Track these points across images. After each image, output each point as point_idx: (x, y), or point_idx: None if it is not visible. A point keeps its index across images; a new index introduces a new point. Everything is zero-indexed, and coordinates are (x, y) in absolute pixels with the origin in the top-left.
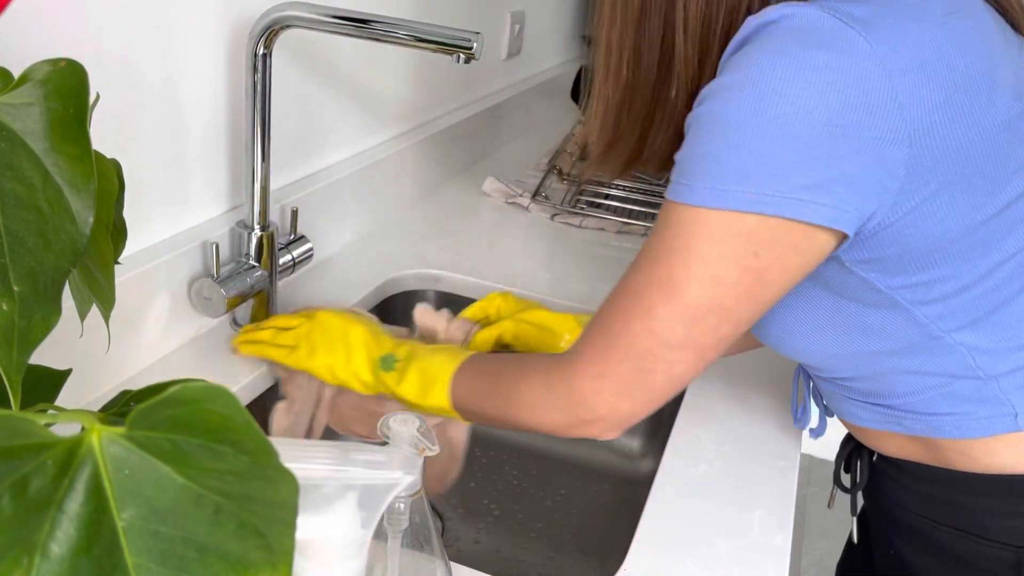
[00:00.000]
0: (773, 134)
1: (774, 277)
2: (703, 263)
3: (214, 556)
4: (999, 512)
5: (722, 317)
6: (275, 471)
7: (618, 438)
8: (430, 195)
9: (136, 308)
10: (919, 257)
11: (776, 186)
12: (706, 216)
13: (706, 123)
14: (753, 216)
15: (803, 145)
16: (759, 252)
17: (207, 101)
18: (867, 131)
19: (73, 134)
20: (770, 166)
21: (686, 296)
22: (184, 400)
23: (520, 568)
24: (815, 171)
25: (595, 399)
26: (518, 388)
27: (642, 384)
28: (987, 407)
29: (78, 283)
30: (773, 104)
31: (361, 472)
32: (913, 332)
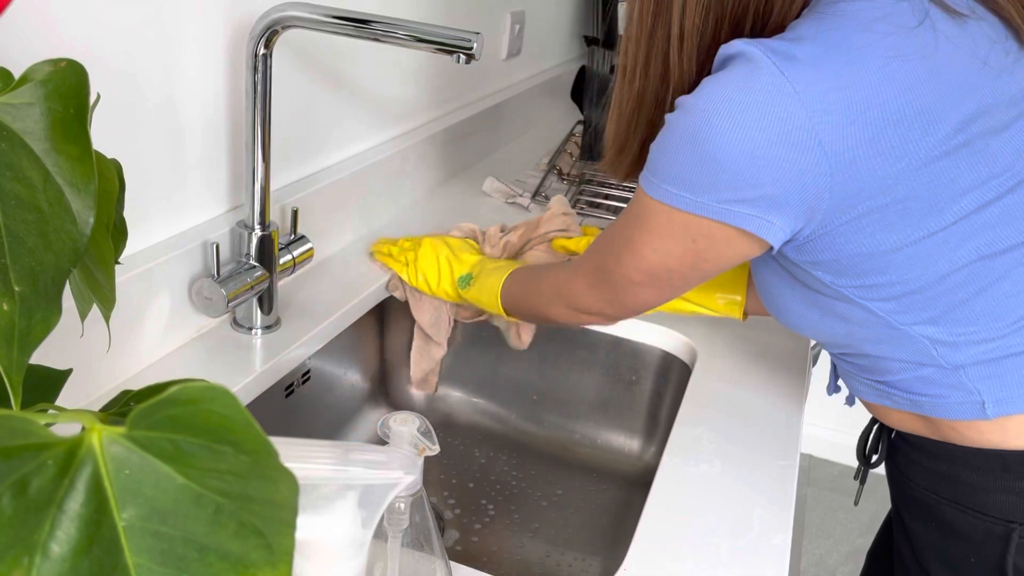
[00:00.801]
0: (709, 155)
1: (712, 256)
2: (655, 237)
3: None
4: (991, 487)
5: (673, 275)
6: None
7: (618, 438)
8: (430, 195)
9: (136, 308)
10: (857, 264)
11: (709, 196)
12: (656, 207)
13: (667, 129)
14: (688, 215)
15: (731, 168)
16: (696, 239)
17: (207, 101)
18: (787, 163)
19: (73, 134)
20: (705, 180)
21: (641, 256)
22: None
23: (520, 568)
24: (741, 190)
25: (586, 300)
26: (541, 289)
27: (618, 298)
28: (957, 393)
29: (78, 283)
30: (711, 131)
31: (361, 472)
32: (874, 322)
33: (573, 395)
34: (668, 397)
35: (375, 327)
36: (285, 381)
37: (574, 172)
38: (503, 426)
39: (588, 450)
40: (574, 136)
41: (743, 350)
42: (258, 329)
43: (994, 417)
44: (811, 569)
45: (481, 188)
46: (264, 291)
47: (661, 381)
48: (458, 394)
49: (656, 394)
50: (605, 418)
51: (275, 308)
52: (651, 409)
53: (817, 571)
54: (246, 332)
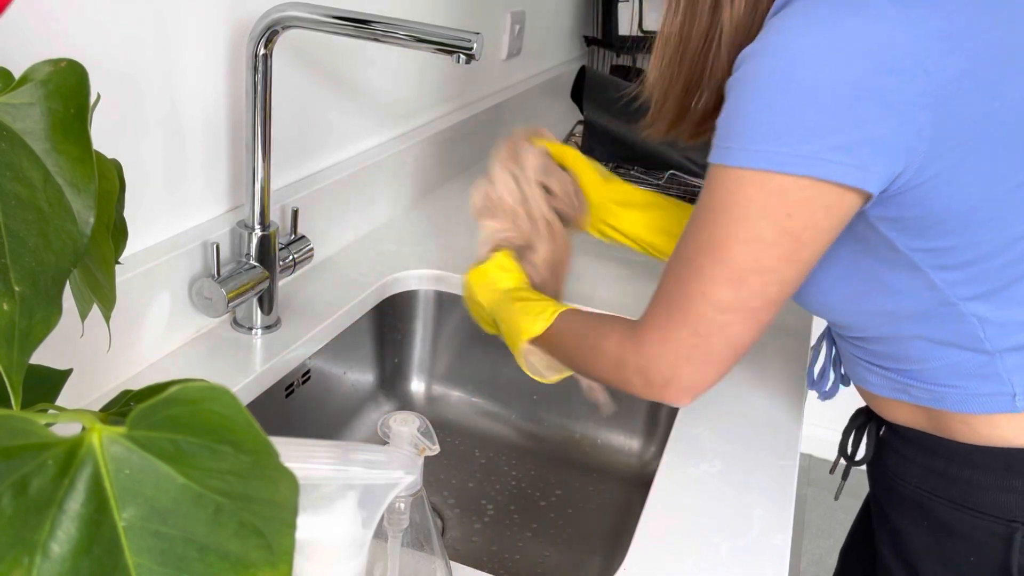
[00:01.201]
0: (803, 97)
1: (810, 237)
2: (742, 224)
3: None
4: (993, 486)
5: (767, 279)
6: (275, 471)
7: (618, 438)
8: (430, 195)
9: (137, 308)
10: (940, 222)
11: (806, 147)
12: (742, 177)
13: (741, 86)
14: (785, 176)
15: (832, 108)
16: (792, 213)
17: (208, 101)
18: (893, 94)
19: (74, 134)
20: (800, 127)
21: (729, 257)
22: (184, 400)
23: (519, 567)
24: (843, 133)
25: (660, 364)
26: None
27: (702, 348)
28: (988, 384)
29: (79, 283)
30: (803, 68)
31: (361, 472)
32: (928, 296)
33: (573, 395)
34: None
35: (375, 327)
36: (285, 381)
37: None
38: (503, 426)
39: (588, 450)
40: (574, 136)
41: None
42: (258, 329)
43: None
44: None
45: None
46: (264, 291)
47: None
48: (458, 394)
49: None
50: (605, 418)
51: (275, 308)
52: (651, 409)
53: (817, 571)
54: (246, 332)
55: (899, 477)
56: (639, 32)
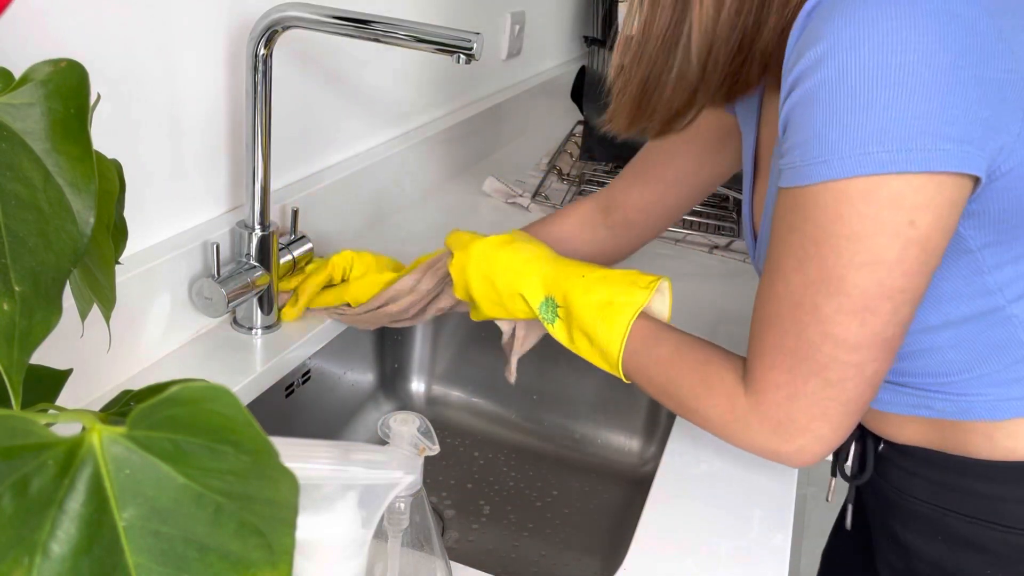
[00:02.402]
0: (903, 84)
1: (937, 242)
2: (857, 245)
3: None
4: (1012, 498)
5: (897, 301)
6: (275, 471)
7: (618, 438)
8: (430, 195)
9: (137, 308)
10: (1018, 213)
11: (919, 139)
12: (848, 189)
13: (824, 94)
14: (897, 177)
15: (935, 91)
16: (915, 220)
17: (208, 101)
18: (988, 71)
19: (74, 134)
20: (907, 119)
21: (849, 286)
22: (185, 400)
23: (519, 568)
24: (953, 116)
25: (791, 427)
26: (701, 403)
27: (837, 399)
28: (1017, 388)
29: (79, 283)
30: (895, 55)
31: (361, 472)
32: (979, 302)
33: (573, 395)
34: None
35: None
36: (285, 381)
37: (574, 172)
38: (503, 426)
39: (588, 450)
40: (574, 136)
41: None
42: (258, 329)
43: None
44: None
45: (481, 188)
46: (264, 291)
47: None
48: (458, 394)
49: None
50: (605, 418)
51: (275, 308)
52: (651, 409)
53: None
54: (246, 332)
55: (906, 493)
56: None
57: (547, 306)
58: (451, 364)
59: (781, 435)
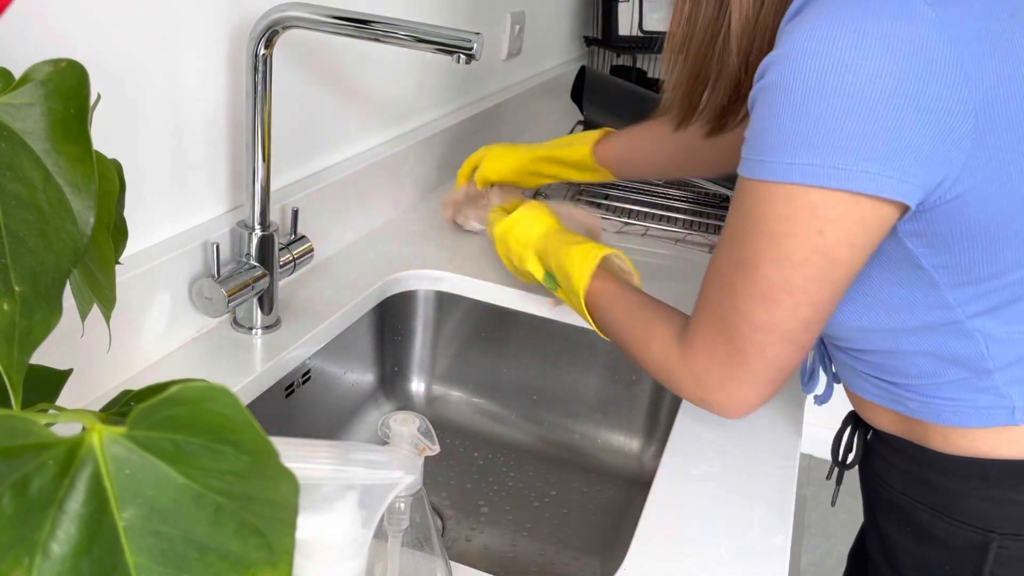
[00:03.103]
0: (837, 105)
1: (843, 255)
2: (770, 241)
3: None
4: (971, 495)
5: (799, 299)
6: (275, 471)
7: (618, 438)
8: (430, 195)
9: (137, 308)
10: (971, 237)
11: (840, 158)
12: (773, 192)
13: (769, 95)
14: (817, 190)
15: (868, 115)
16: (823, 230)
17: (208, 101)
18: (933, 101)
19: (74, 134)
20: (835, 137)
21: (760, 276)
22: (185, 400)
23: (518, 568)
24: (881, 142)
25: (708, 379)
26: (645, 351)
27: (742, 368)
28: (986, 397)
29: (79, 283)
30: (836, 74)
31: (361, 472)
32: (937, 314)
33: (573, 395)
34: (668, 397)
35: (375, 327)
36: (285, 381)
37: None
38: (503, 426)
39: (588, 450)
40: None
41: None
42: (258, 329)
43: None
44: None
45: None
46: (264, 291)
47: None
48: (458, 394)
49: (656, 394)
50: (605, 418)
51: (275, 308)
52: (651, 409)
53: (817, 571)
54: (246, 332)
55: (885, 482)
56: (639, 32)
57: (549, 278)
58: (451, 364)
59: (703, 388)
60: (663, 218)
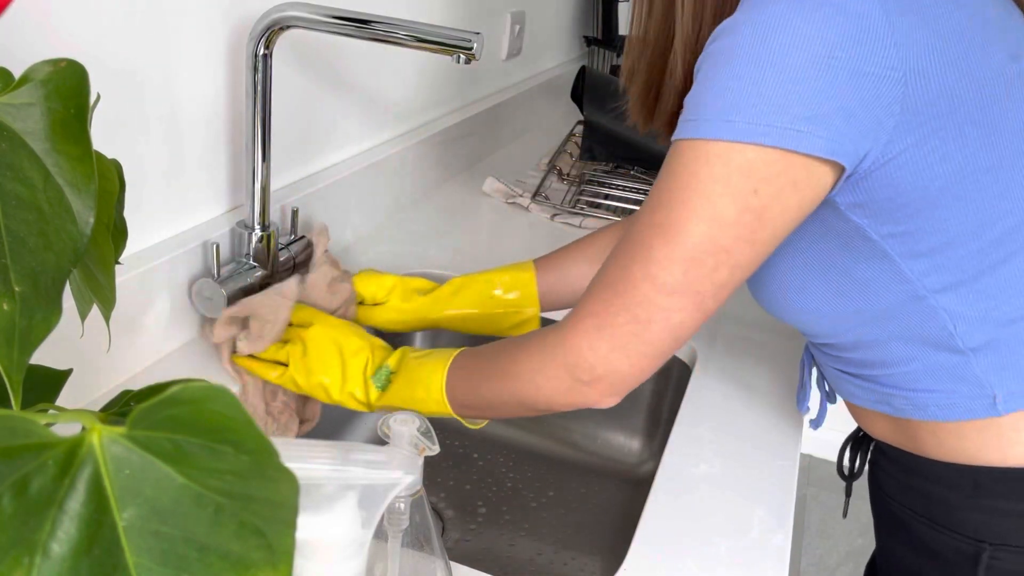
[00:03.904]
0: (773, 65)
1: (773, 216)
2: (703, 201)
3: (215, 556)
4: (963, 505)
5: (720, 259)
6: (275, 471)
7: (618, 438)
8: (430, 195)
9: (137, 308)
10: (908, 203)
11: (776, 117)
12: (707, 150)
13: (710, 61)
14: (753, 148)
15: (802, 76)
16: (758, 189)
17: (208, 101)
18: (865, 66)
19: (74, 134)
20: (770, 96)
21: (685, 236)
22: (185, 400)
23: (518, 568)
24: (814, 102)
25: (592, 355)
26: (516, 359)
27: (640, 336)
28: (966, 386)
29: (79, 283)
30: (773, 36)
31: (361, 472)
32: (898, 290)
33: None
34: (668, 397)
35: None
36: None
37: (574, 172)
38: (503, 426)
39: (588, 450)
40: (574, 136)
41: (743, 350)
42: None
43: (1005, 413)
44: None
45: (481, 188)
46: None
47: (661, 381)
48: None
49: (656, 394)
50: (605, 418)
51: None
52: (651, 409)
53: (817, 571)
54: None
55: (887, 495)
56: None
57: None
58: None
59: (581, 365)
60: None
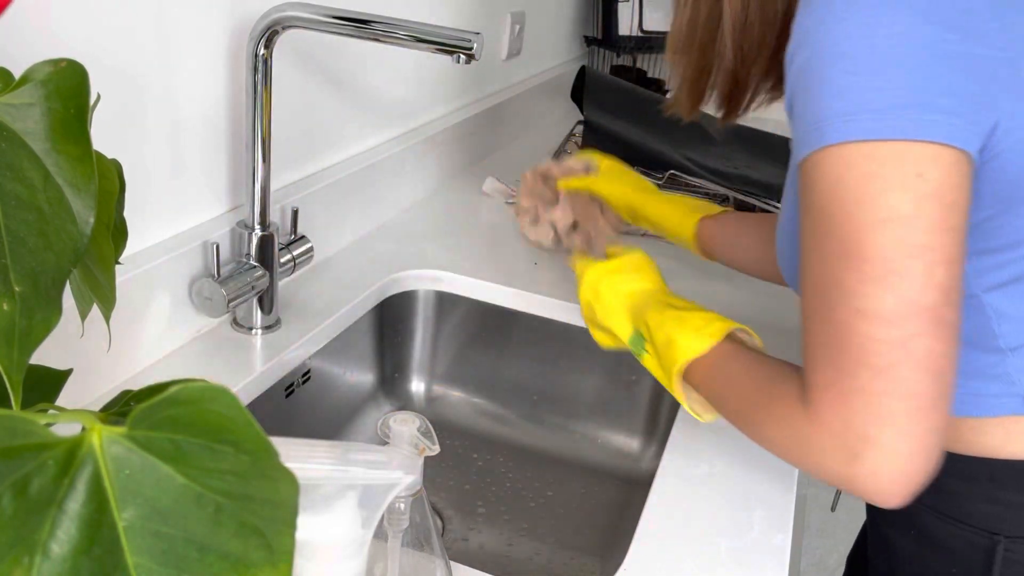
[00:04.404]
0: (891, 54)
1: (954, 199)
2: (868, 205)
3: (215, 556)
4: (977, 496)
5: (927, 260)
6: (275, 471)
7: (618, 438)
8: (430, 195)
9: (137, 308)
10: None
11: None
12: (849, 154)
13: (814, 65)
14: (896, 142)
15: (922, 63)
16: (923, 172)
17: (208, 101)
18: (978, 48)
19: (74, 134)
20: (893, 88)
21: (868, 250)
22: (185, 400)
23: (517, 568)
24: (940, 89)
25: (851, 436)
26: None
27: (894, 393)
28: (996, 384)
29: (79, 283)
30: (883, 25)
31: (361, 472)
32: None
33: (573, 395)
34: (668, 397)
35: (375, 327)
36: (285, 381)
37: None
38: (503, 426)
39: (588, 450)
40: (574, 136)
41: None
42: (258, 329)
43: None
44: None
45: (481, 188)
46: (264, 291)
47: None
48: (458, 394)
49: (656, 394)
50: (605, 418)
51: (275, 308)
52: (651, 409)
53: (817, 571)
54: (246, 332)
55: None
56: (639, 32)
57: (636, 339)
58: (451, 364)
59: (845, 450)
60: None
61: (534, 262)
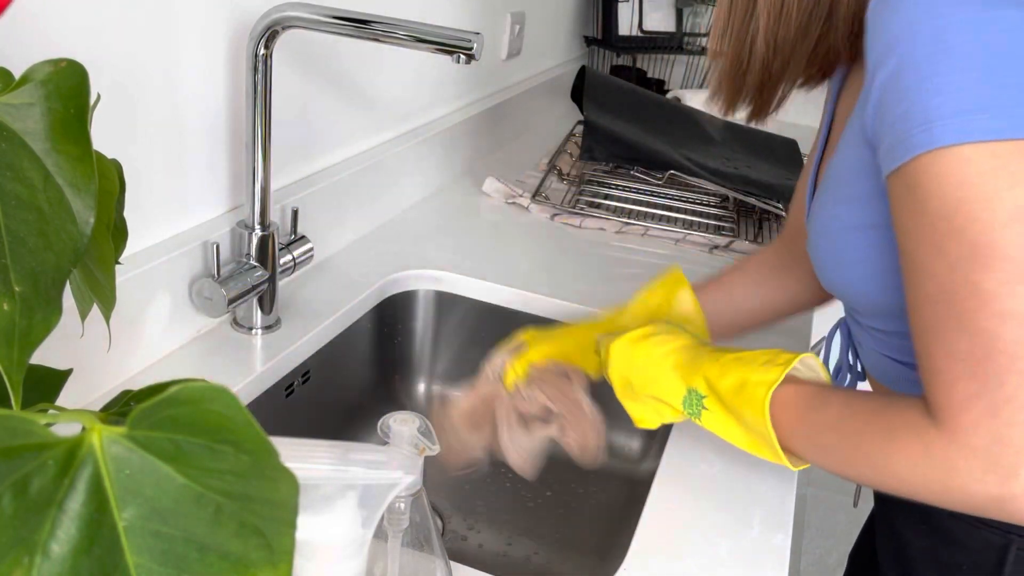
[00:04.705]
0: (1005, 50)
1: None
2: (994, 203)
3: (215, 556)
4: None
5: None
6: (275, 471)
7: (618, 438)
8: (430, 195)
9: (137, 308)
10: None
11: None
12: (968, 154)
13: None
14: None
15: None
16: None
17: (208, 101)
18: None
19: (74, 134)
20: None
21: (1004, 249)
22: (185, 400)
23: (518, 568)
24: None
25: (1005, 452)
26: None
27: None
28: None
29: (79, 283)
30: (992, 21)
31: (361, 472)
32: None
33: None
34: None
35: (375, 327)
36: (285, 381)
37: (574, 172)
38: None
39: None
40: (574, 136)
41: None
42: (258, 329)
43: None
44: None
45: (481, 188)
46: (264, 291)
47: None
48: (458, 394)
49: None
50: (605, 418)
51: (275, 308)
52: None
53: (817, 571)
54: (246, 332)
55: None
56: (639, 32)
57: (690, 400)
58: (451, 364)
59: (997, 469)
60: (663, 218)
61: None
